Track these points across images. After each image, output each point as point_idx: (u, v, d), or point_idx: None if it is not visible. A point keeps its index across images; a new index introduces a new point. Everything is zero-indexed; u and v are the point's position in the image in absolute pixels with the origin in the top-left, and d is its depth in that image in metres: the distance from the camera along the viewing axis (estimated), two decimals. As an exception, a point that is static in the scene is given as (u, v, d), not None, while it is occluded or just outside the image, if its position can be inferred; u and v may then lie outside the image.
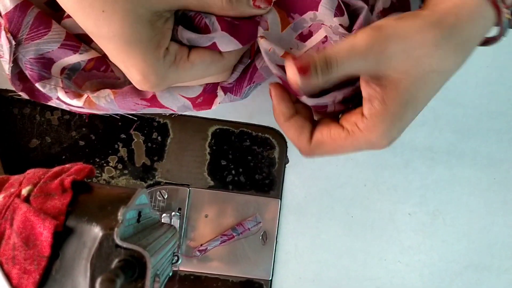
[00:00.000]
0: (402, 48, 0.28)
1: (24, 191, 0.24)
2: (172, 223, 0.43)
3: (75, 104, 0.35)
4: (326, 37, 0.35)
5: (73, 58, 0.34)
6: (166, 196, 0.45)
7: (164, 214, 0.43)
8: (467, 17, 0.28)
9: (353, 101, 0.34)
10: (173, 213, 0.43)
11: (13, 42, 0.32)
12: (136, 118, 0.44)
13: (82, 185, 0.26)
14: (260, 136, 0.46)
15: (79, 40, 0.34)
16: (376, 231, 0.47)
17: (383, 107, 0.30)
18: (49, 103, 0.37)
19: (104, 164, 0.45)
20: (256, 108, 0.46)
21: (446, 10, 0.29)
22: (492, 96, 0.48)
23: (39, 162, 0.44)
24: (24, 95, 0.36)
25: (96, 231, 0.23)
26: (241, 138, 0.46)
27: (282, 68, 0.32)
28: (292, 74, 0.28)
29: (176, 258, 0.33)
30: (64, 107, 0.37)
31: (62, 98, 0.35)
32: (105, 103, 0.34)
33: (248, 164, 0.46)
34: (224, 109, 0.45)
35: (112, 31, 0.28)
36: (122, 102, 0.35)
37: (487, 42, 0.32)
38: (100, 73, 0.36)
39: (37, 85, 0.34)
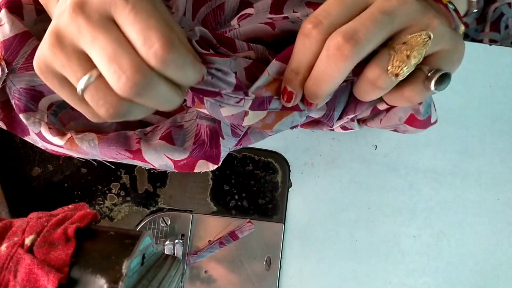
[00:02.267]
0: None
1: (28, 241, 0.24)
2: (175, 250, 0.43)
3: (56, 142, 0.34)
4: None
5: None
6: (169, 223, 0.44)
7: (167, 242, 0.43)
8: None
9: None
10: (176, 241, 0.43)
11: (6, 70, 0.32)
12: (113, 167, 0.44)
13: (86, 230, 0.25)
14: (263, 161, 0.46)
15: None
16: (381, 254, 0.47)
17: None
18: (25, 138, 0.36)
19: (107, 192, 0.44)
20: (258, 132, 0.45)
21: None
22: (496, 116, 0.48)
23: (41, 190, 0.44)
24: (2, 125, 0.35)
25: (101, 284, 0.22)
26: (243, 162, 0.45)
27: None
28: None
29: (180, 294, 0.32)
30: (40, 145, 0.35)
31: (44, 134, 0.34)
32: (87, 146, 0.34)
33: (251, 188, 0.46)
34: (227, 134, 0.45)
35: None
36: (106, 149, 0.34)
37: None
38: None
39: (21, 116, 0.33)
